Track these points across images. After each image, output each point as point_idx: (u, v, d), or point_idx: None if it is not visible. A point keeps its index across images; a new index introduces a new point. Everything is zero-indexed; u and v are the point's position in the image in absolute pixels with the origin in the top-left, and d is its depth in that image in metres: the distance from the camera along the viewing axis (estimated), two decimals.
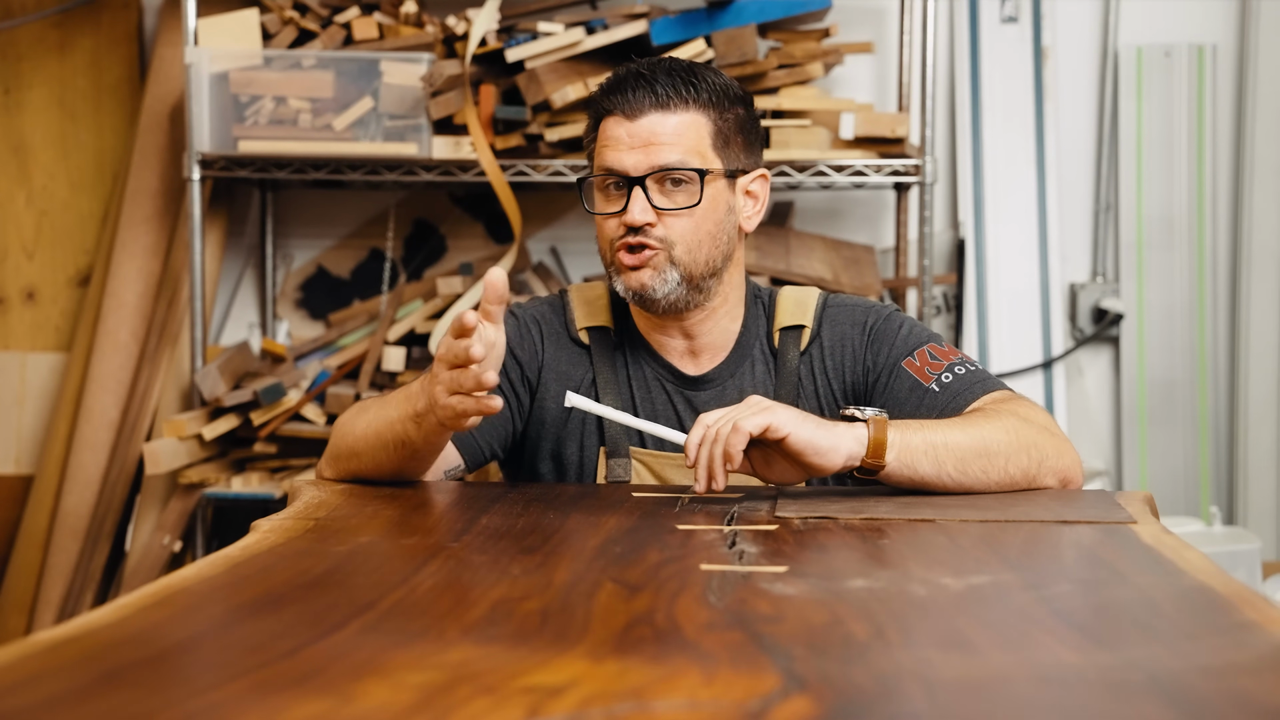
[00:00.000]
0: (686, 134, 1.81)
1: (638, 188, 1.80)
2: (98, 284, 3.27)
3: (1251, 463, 3.35)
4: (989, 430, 1.65)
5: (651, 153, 1.80)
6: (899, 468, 1.62)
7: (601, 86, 1.87)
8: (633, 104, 1.81)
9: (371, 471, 1.78)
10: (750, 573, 1.22)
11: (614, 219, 1.83)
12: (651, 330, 1.91)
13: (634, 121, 1.81)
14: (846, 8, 3.24)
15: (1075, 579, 1.27)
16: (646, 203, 1.80)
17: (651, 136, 1.80)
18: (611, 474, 1.87)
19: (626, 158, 1.81)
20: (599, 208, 1.86)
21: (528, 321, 1.94)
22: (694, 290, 1.84)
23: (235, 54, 2.88)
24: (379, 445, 1.74)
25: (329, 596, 1.14)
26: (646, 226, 1.80)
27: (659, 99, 1.81)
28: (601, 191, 1.86)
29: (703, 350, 1.90)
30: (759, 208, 1.91)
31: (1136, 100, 3.35)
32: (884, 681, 0.91)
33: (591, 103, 1.88)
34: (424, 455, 1.75)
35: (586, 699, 0.86)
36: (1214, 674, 0.91)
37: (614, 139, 1.82)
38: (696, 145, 1.82)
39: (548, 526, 1.46)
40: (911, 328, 1.88)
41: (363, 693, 0.87)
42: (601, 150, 1.84)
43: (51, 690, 0.87)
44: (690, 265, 1.82)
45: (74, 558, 3.12)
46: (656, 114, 1.81)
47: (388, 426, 1.72)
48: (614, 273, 1.85)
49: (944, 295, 3.37)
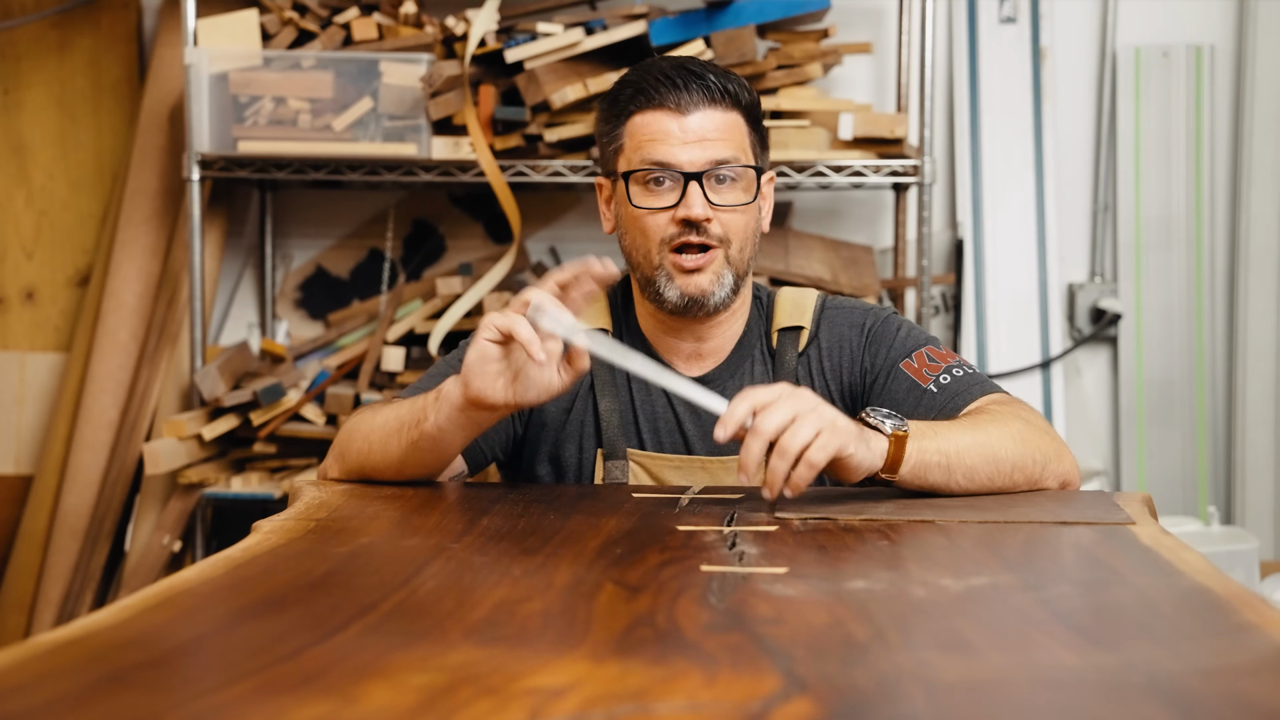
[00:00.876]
0: (734, 132, 1.80)
1: (694, 183, 1.76)
2: (97, 284, 3.27)
3: (1249, 462, 3.35)
4: (996, 436, 1.65)
5: (707, 149, 1.77)
6: (911, 478, 1.61)
7: (634, 81, 1.82)
8: (686, 98, 1.77)
9: (379, 464, 1.74)
10: (750, 574, 1.23)
11: (663, 215, 1.78)
12: (663, 334, 1.90)
13: (686, 116, 1.77)
14: (845, 8, 3.25)
15: (1074, 580, 1.27)
16: (704, 198, 1.77)
17: (705, 132, 1.77)
18: (609, 476, 1.87)
19: (681, 152, 1.77)
20: (645, 203, 1.80)
21: None
22: (734, 292, 1.83)
23: (235, 54, 2.89)
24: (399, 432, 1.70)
25: (331, 598, 1.15)
26: (705, 223, 1.77)
27: (711, 95, 1.78)
28: (643, 188, 1.80)
29: (708, 353, 1.90)
30: (769, 208, 1.92)
31: (1135, 101, 3.36)
32: (884, 683, 0.91)
33: (621, 97, 1.83)
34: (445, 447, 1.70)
35: (588, 701, 0.86)
36: (1212, 675, 0.92)
37: (664, 133, 1.78)
38: (742, 143, 1.81)
39: (548, 527, 1.47)
40: (910, 330, 1.88)
41: (365, 694, 0.87)
42: (646, 144, 1.79)
43: (54, 692, 0.88)
44: (739, 264, 1.81)
45: (74, 558, 3.12)
46: (708, 110, 1.78)
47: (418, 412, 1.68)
48: (662, 276, 1.80)
49: (942, 295, 3.38)
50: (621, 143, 1.83)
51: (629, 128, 1.81)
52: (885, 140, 2.93)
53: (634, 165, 1.80)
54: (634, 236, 1.83)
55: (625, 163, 1.82)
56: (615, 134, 1.84)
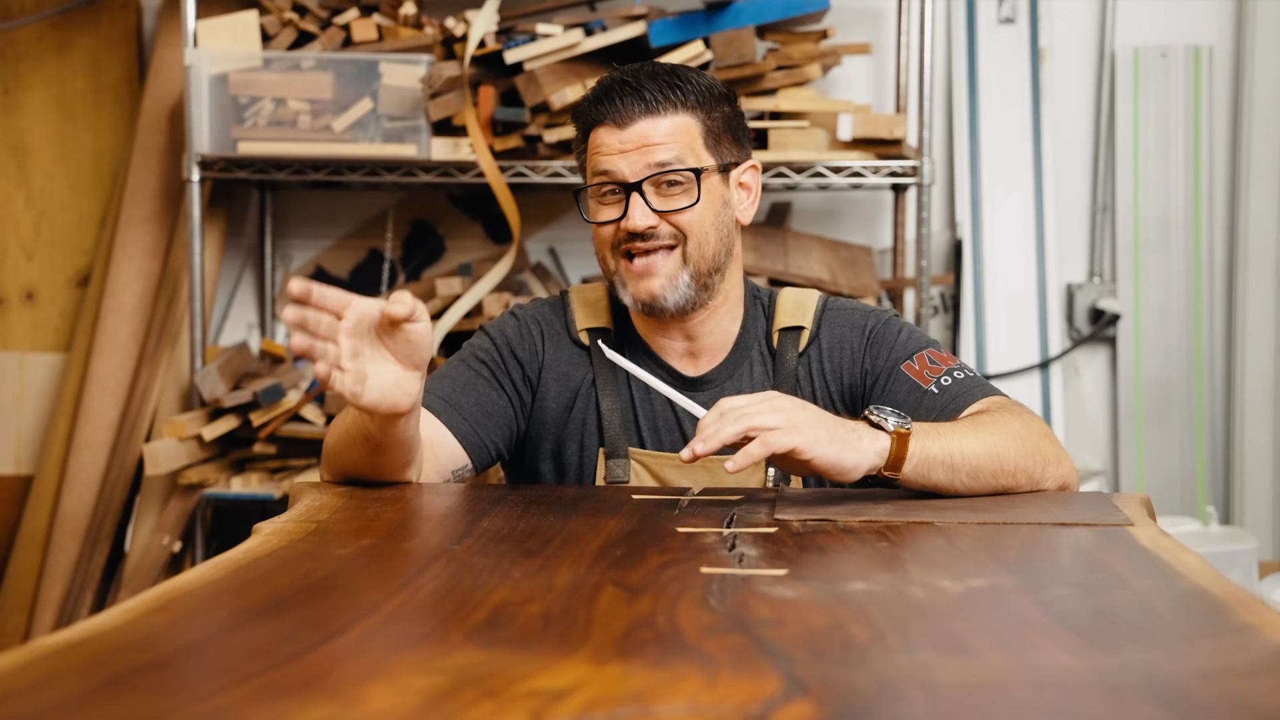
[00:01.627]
0: (678, 135, 1.82)
1: (635, 193, 1.81)
2: (97, 284, 3.27)
3: (1248, 462, 3.36)
4: (999, 436, 1.66)
5: (646, 154, 1.81)
6: (914, 477, 1.62)
7: (587, 97, 1.87)
8: (622, 112, 1.82)
9: (350, 469, 1.76)
10: (750, 576, 1.23)
11: (612, 226, 1.84)
12: (652, 333, 1.92)
13: (625, 129, 1.82)
14: (844, 9, 3.25)
15: (1073, 582, 1.27)
16: (646, 207, 1.81)
17: (644, 140, 1.81)
18: (610, 474, 1.88)
19: (621, 163, 1.82)
20: (596, 216, 1.86)
21: (528, 322, 1.95)
22: (701, 289, 1.85)
23: (235, 55, 2.89)
24: (349, 442, 1.72)
25: (332, 600, 1.15)
26: (649, 230, 1.81)
27: (647, 105, 1.82)
28: (598, 200, 1.86)
29: (702, 351, 1.91)
30: (753, 199, 1.93)
31: (1133, 101, 3.36)
32: (884, 685, 0.92)
33: (579, 113, 1.88)
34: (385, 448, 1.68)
35: (589, 703, 0.86)
36: (1211, 677, 0.92)
37: (606, 146, 1.83)
38: (689, 145, 1.83)
39: (548, 529, 1.47)
40: (910, 333, 1.89)
41: (368, 697, 0.87)
42: (594, 158, 1.84)
43: (57, 695, 0.88)
44: (699, 261, 1.83)
45: (73, 558, 3.12)
46: (647, 119, 1.82)
47: (353, 420, 1.69)
48: (619, 282, 1.86)
49: (941, 296, 3.38)
50: (584, 158, 1.88)
51: (589, 143, 1.87)
52: (884, 141, 2.93)
53: (587, 181, 1.87)
54: (597, 247, 1.89)
55: (586, 177, 1.88)
56: (581, 149, 1.89)
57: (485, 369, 1.90)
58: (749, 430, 1.54)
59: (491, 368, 1.91)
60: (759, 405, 1.57)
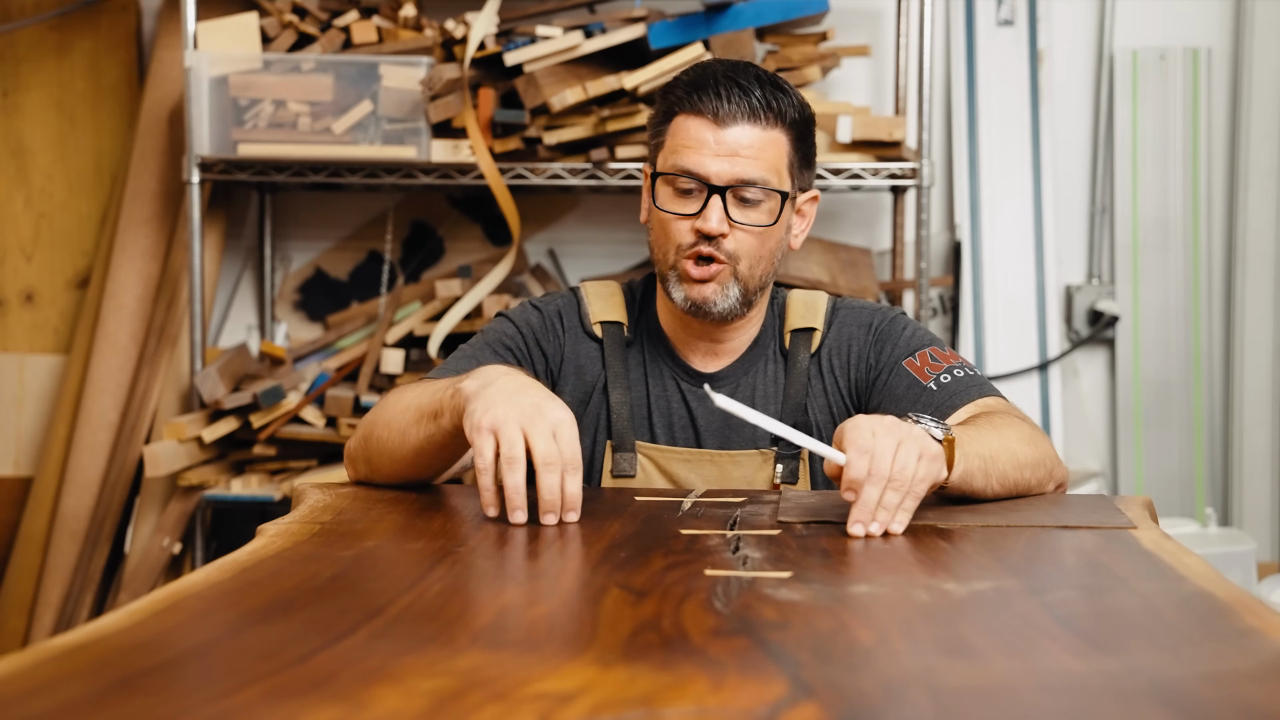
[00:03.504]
0: (770, 151, 1.79)
1: (716, 196, 1.78)
2: (96, 286, 3.27)
3: (1246, 464, 3.36)
4: (1015, 440, 1.67)
5: (737, 164, 1.77)
6: (959, 483, 1.58)
7: (685, 82, 1.82)
8: (725, 110, 1.77)
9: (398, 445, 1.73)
10: (755, 578, 1.23)
11: (685, 222, 1.80)
12: (681, 330, 1.92)
13: (723, 129, 1.78)
14: (843, 11, 3.25)
15: (1077, 585, 1.28)
16: (724, 213, 1.78)
17: (739, 148, 1.78)
18: (616, 467, 1.89)
19: (711, 164, 1.78)
20: (669, 206, 1.82)
21: (551, 315, 1.94)
22: (745, 304, 1.84)
23: (234, 57, 2.89)
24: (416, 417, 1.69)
25: (338, 602, 1.15)
26: (720, 237, 1.79)
27: (752, 111, 1.78)
28: (674, 189, 1.82)
29: (723, 352, 1.93)
30: (805, 226, 1.92)
31: (1132, 103, 3.36)
32: (890, 689, 0.92)
33: (670, 96, 1.83)
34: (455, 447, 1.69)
35: (596, 706, 0.87)
36: (1217, 681, 0.92)
37: (699, 142, 1.78)
38: (776, 164, 1.80)
39: (551, 531, 1.47)
40: (915, 330, 1.90)
41: (375, 699, 0.88)
42: (681, 150, 1.80)
43: (67, 697, 0.88)
44: (749, 280, 1.82)
45: (73, 559, 3.12)
46: (748, 126, 1.78)
47: (429, 402, 1.68)
48: (673, 277, 1.83)
49: (940, 297, 3.38)
50: (663, 140, 1.84)
51: (672, 127, 1.82)
52: (883, 143, 2.93)
53: (666, 167, 1.82)
54: (657, 234, 1.85)
55: (661, 162, 1.84)
56: (660, 130, 1.85)
57: (511, 356, 1.89)
58: (910, 501, 1.48)
59: (517, 355, 1.89)
60: (904, 459, 1.47)
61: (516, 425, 1.49)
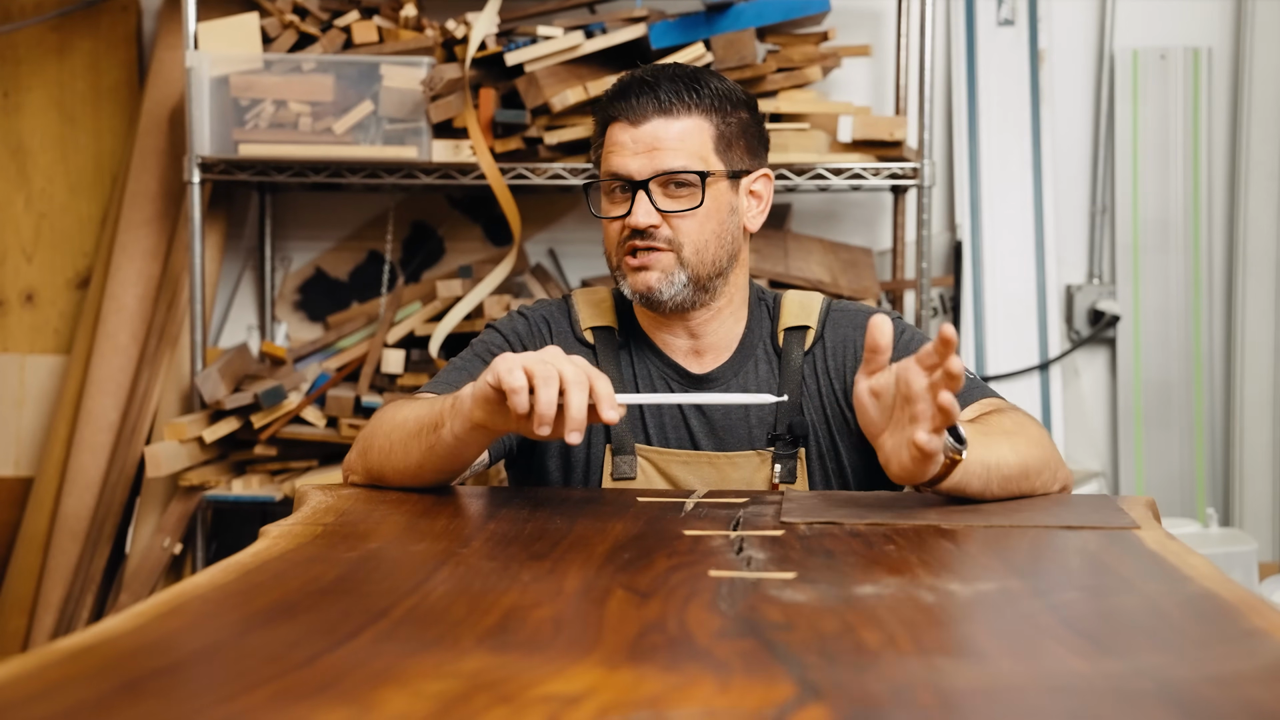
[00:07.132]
0: (689, 138, 1.86)
1: (641, 191, 1.85)
2: (97, 286, 3.27)
3: (1247, 464, 3.36)
4: (1024, 445, 1.66)
5: (655, 157, 1.85)
6: (950, 485, 1.59)
7: (607, 94, 1.92)
8: (636, 110, 1.86)
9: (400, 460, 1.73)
10: (759, 579, 1.23)
11: (619, 222, 1.88)
12: (656, 329, 1.96)
13: (638, 127, 1.86)
14: (844, 11, 3.25)
15: (1082, 586, 1.28)
16: (650, 206, 1.85)
17: (655, 142, 1.85)
18: (617, 470, 1.89)
19: (630, 162, 1.86)
20: (605, 212, 1.91)
21: (537, 321, 1.98)
22: (700, 290, 1.88)
23: (235, 58, 2.89)
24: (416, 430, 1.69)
25: (342, 604, 1.15)
26: (651, 229, 1.85)
27: (661, 105, 1.85)
28: (608, 196, 1.91)
29: (707, 350, 1.94)
30: (763, 207, 1.96)
31: (1132, 103, 3.36)
32: (897, 690, 0.92)
33: (597, 109, 1.93)
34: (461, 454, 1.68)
35: (603, 708, 0.86)
36: (1223, 682, 0.92)
37: (619, 144, 1.87)
38: (699, 149, 1.86)
39: (555, 532, 1.47)
40: (913, 334, 1.91)
41: (382, 701, 0.87)
42: (607, 156, 1.89)
43: (72, 700, 0.88)
44: (698, 266, 1.87)
45: (74, 560, 3.12)
46: (659, 120, 1.86)
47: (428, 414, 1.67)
48: (620, 276, 1.90)
49: (941, 297, 3.38)
50: (600, 153, 1.93)
51: (605, 138, 1.91)
52: (884, 143, 2.93)
53: (600, 176, 1.91)
54: (604, 240, 1.93)
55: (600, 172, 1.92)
56: (598, 143, 1.93)
57: None
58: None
59: None
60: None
61: (538, 358, 1.52)
